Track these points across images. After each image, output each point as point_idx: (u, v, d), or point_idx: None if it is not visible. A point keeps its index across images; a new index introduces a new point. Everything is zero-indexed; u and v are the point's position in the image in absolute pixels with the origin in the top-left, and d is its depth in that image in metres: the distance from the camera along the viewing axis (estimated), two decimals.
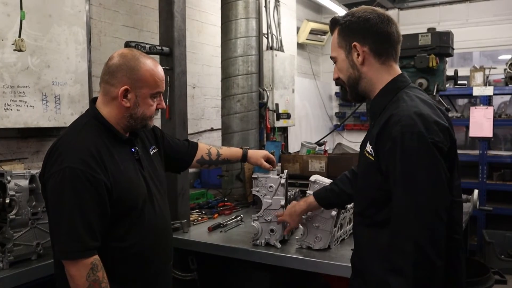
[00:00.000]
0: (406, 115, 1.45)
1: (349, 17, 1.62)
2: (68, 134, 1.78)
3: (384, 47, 1.60)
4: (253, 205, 3.46)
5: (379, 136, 1.51)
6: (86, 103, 3.29)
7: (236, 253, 2.52)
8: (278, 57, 4.87)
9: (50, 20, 3.03)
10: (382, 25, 1.58)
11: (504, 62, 5.93)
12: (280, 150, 3.98)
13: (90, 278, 1.61)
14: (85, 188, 1.62)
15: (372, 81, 1.62)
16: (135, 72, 1.77)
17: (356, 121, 8.00)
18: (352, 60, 1.62)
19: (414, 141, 1.40)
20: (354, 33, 1.60)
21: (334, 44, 1.67)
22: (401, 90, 1.58)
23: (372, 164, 1.54)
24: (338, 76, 1.70)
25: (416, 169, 1.41)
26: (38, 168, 2.40)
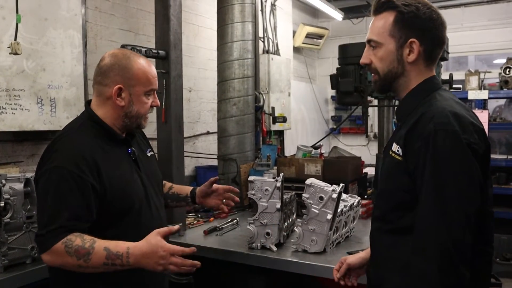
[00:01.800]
0: (440, 113, 1.36)
1: (413, 9, 1.45)
2: (62, 136, 1.77)
3: (436, 52, 1.52)
4: (249, 208, 3.46)
5: (408, 135, 1.41)
6: (81, 106, 3.28)
7: (232, 257, 2.52)
8: (274, 61, 4.89)
9: (46, 23, 3.03)
10: (442, 28, 1.49)
11: (499, 66, 5.96)
12: (276, 153, 3.98)
13: (71, 252, 1.57)
14: (69, 187, 1.61)
15: (410, 81, 1.52)
16: (128, 70, 1.77)
17: (352, 125, 8.02)
18: (401, 55, 1.49)
19: (448, 140, 1.31)
20: (415, 29, 1.46)
21: (383, 29, 1.49)
22: (433, 91, 1.50)
23: (399, 164, 1.44)
24: (371, 62, 1.55)
25: (447, 170, 1.31)
26: (33, 172, 2.39)
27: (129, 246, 1.60)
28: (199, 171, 4.75)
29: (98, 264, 1.58)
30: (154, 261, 1.59)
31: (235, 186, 3.69)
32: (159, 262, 1.59)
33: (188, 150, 4.46)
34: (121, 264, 1.59)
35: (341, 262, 1.80)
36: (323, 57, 8.27)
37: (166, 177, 2.47)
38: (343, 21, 7.46)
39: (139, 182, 1.84)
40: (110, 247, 1.59)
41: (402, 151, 1.43)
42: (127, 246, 1.59)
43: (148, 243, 1.59)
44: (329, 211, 2.34)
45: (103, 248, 1.58)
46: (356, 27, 7.60)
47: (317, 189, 2.36)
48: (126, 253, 1.58)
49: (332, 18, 7.36)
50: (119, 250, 1.58)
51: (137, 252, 1.59)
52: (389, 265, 1.49)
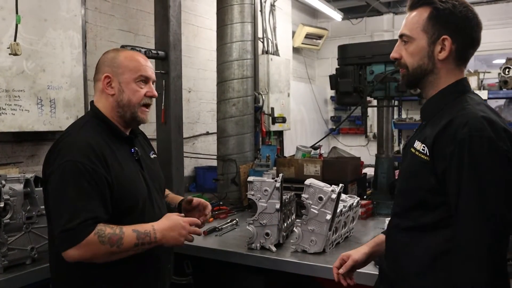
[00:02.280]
0: (474, 118, 1.34)
1: (449, 6, 1.44)
2: (69, 133, 1.79)
3: (468, 52, 1.50)
4: (249, 208, 3.46)
5: (439, 137, 1.39)
6: (81, 107, 3.29)
7: (231, 257, 2.52)
8: (274, 61, 4.89)
9: (46, 24, 3.03)
10: (477, 29, 1.47)
11: (498, 66, 5.98)
12: (276, 154, 3.98)
13: (105, 241, 1.60)
14: (85, 179, 1.63)
15: (440, 79, 1.50)
16: (115, 60, 1.83)
17: (351, 125, 8.03)
18: (432, 51, 1.47)
19: (484, 146, 1.30)
20: (449, 26, 1.45)
21: (417, 24, 1.49)
22: (463, 94, 1.48)
23: (425, 163, 1.42)
24: (401, 57, 1.54)
25: (487, 177, 1.31)
26: (33, 172, 2.41)
27: (152, 224, 1.72)
28: (198, 171, 4.76)
29: (130, 246, 1.65)
30: (178, 233, 1.75)
31: (234, 187, 3.70)
32: (182, 233, 1.75)
33: (187, 151, 4.47)
34: (149, 242, 1.69)
35: (343, 259, 1.77)
36: (322, 57, 8.28)
37: (166, 177, 2.47)
38: (342, 22, 7.47)
39: (143, 181, 1.85)
40: (138, 228, 1.68)
41: (429, 151, 1.41)
42: (151, 224, 1.72)
43: (169, 219, 1.77)
44: (329, 212, 2.34)
45: (131, 230, 1.66)
46: (355, 27, 7.61)
47: (316, 190, 2.37)
48: (153, 230, 1.70)
49: (331, 19, 7.37)
50: (146, 229, 1.69)
51: (162, 226, 1.72)
52: (411, 262, 1.48)
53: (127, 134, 1.89)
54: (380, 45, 3.59)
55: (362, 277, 2.11)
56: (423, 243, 1.43)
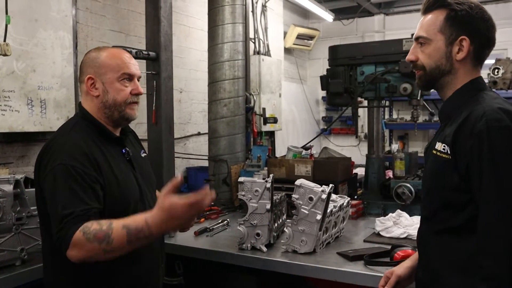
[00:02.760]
0: (491, 109, 1.35)
1: (466, 7, 1.46)
2: (58, 135, 1.78)
3: (485, 52, 1.52)
4: (240, 209, 3.47)
5: (458, 133, 1.39)
6: (72, 107, 3.28)
7: (222, 258, 2.53)
8: (265, 62, 4.90)
9: (36, 24, 3.02)
10: (493, 30, 1.50)
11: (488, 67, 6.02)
12: (267, 154, 3.99)
13: (90, 238, 1.50)
14: (77, 182, 1.61)
15: (457, 80, 1.51)
16: (96, 60, 1.80)
17: (342, 125, 8.06)
18: (450, 52, 1.49)
19: (505, 136, 1.31)
20: (467, 27, 1.47)
21: (434, 25, 1.50)
22: (480, 91, 1.48)
23: (447, 162, 1.42)
24: (417, 59, 1.55)
25: (508, 167, 1.30)
26: (23, 173, 2.40)
27: (145, 217, 1.52)
28: (190, 172, 4.76)
29: (122, 243, 1.51)
30: (177, 223, 1.55)
31: (225, 187, 3.71)
32: (181, 222, 1.55)
33: (179, 151, 4.47)
34: (146, 237, 1.53)
35: (387, 277, 1.72)
36: (314, 58, 8.30)
37: (157, 178, 2.48)
38: (333, 22, 7.50)
39: (135, 182, 1.85)
40: (129, 223, 1.52)
41: (450, 149, 1.41)
42: (144, 219, 1.52)
43: (162, 210, 1.51)
44: (319, 212, 2.36)
45: (121, 227, 1.51)
46: (346, 28, 7.64)
47: (307, 190, 2.38)
48: (146, 225, 1.51)
49: (322, 19, 7.40)
50: (138, 225, 1.51)
51: (156, 221, 1.51)
52: (444, 266, 1.46)
53: (117, 135, 1.87)
54: (370, 46, 3.62)
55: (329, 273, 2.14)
56: (455, 245, 1.41)
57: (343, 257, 2.37)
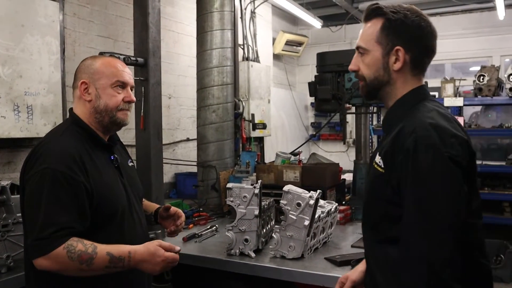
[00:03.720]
0: (421, 126, 1.33)
1: (401, 16, 1.44)
2: (48, 139, 1.78)
3: (424, 61, 1.49)
4: (228, 215, 3.47)
5: (390, 148, 1.39)
6: (59, 113, 3.25)
7: (210, 263, 2.53)
8: (254, 68, 4.92)
9: (23, 29, 3.00)
10: (431, 38, 1.47)
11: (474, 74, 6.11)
12: (256, 160, 4.00)
13: (74, 257, 1.57)
14: (64, 189, 1.61)
15: (397, 90, 1.49)
16: (91, 66, 1.84)
17: (331, 131, 8.10)
18: (387, 63, 1.47)
19: (429, 154, 1.29)
20: (402, 36, 1.45)
21: (371, 35, 1.49)
22: (420, 102, 1.46)
23: (382, 175, 1.41)
24: (359, 69, 1.53)
25: (429, 186, 1.29)
26: (9, 180, 2.37)
27: (130, 250, 1.67)
28: (179, 177, 4.74)
29: (100, 268, 1.62)
30: (152, 266, 1.71)
31: (214, 193, 3.71)
32: (156, 268, 1.71)
33: (167, 157, 4.45)
34: (122, 267, 1.66)
35: (342, 282, 1.73)
36: (302, 64, 8.35)
37: (145, 184, 2.47)
38: (322, 29, 7.56)
39: (122, 189, 1.85)
40: (113, 251, 1.64)
41: (383, 163, 1.41)
42: (128, 251, 1.67)
43: (148, 250, 1.70)
44: (307, 217, 2.37)
45: (105, 253, 1.62)
46: (335, 34, 7.70)
47: (295, 196, 2.39)
48: (128, 257, 1.66)
49: (311, 26, 7.45)
50: (121, 255, 1.65)
51: (138, 257, 1.68)
52: (383, 276, 1.45)
53: (106, 142, 1.88)
54: None
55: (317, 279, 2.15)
56: (394, 255, 1.38)
57: (331, 262, 2.38)
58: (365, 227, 1.59)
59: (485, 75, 5.60)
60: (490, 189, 5.69)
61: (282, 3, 5.83)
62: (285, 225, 2.41)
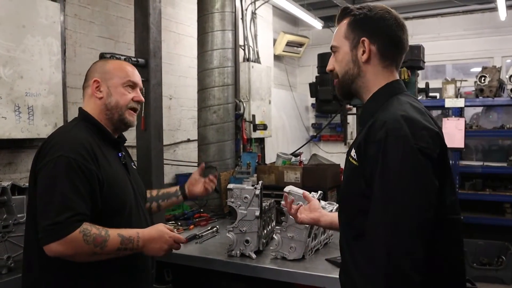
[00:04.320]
0: (392, 118, 1.35)
1: (365, 11, 1.52)
2: (59, 132, 1.83)
3: (391, 51, 1.52)
4: (229, 216, 3.47)
5: (363, 140, 1.41)
6: (60, 114, 3.25)
7: (211, 264, 2.53)
8: (255, 69, 4.92)
9: (24, 30, 3.00)
10: (396, 28, 1.50)
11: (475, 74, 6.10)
12: (257, 161, 4.00)
13: (89, 240, 1.61)
14: (78, 176, 1.65)
15: (369, 82, 1.53)
16: (104, 66, 1.93)
17: (332, 132, 8.09)
18: (355, 55, 1.52)
19: (399, 145, 1.30)
20: (366, 28, 1.50)
21: (340, 33, 1.56)
22: (394, 96, 1.49)
23: (355, 169, 1.43)
24: (334, 68, 1.58)
25: (397, 176, 1.30)
26: (10, 180, 2.37)
27: (138, 231, 1.76)
28: (179, 179, 4.74)
29: (112, 250, 1.68)
30: (160, 246, 1.80)
31: (215, 194, 3.70)
32: (163, 247, 1.81)
33: (168, 158, 4.45)
34: (132, 248, 1.73)
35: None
36: (303, 65, 8.35)
37: (145, 185, 2.47)
38: (323, 30, 7.55)
39: (130, 186, 1.90)
40: (123, 233, 1.71)
41: (357, 155, 1.42)
42: (136, 231, 1.75)
43: (156, 229, 1.82)
44: None
45: (117, 235, 1.68)
46: None
47: (295, 197, 2.38)
48: (137, 237, 1.74)
49: (312, 27, 7.45)
50: (131, 235, 1.72)
51: (146, 236, 1.76)
52: (358, 271, 1.45)
53: (115, 138, 1.93)
54: None
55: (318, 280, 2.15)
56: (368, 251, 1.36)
57: (332, 263, 2.38)
58: (342, 222, 1.59)
59: (486, 76, 5.59)
60: (492, 190, 5.68)
61: (283, 4, 5.83)
62: (286, 226, 2.41)
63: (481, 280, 4.87)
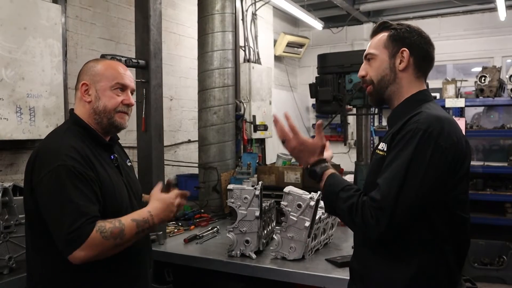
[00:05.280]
0: (427, 115, 1.51)
1: (405, 27, 1.68)
2: (50, 139, 1.81)
3: (424, 65, 1.68)
4: (230, 216, 3.48)
5: (395, 134, 1.55)
6: (61, 115, 3.27)
7: (211, 265, 2.54)
8: (255, 70, 4.93)
9: (25, 32, 3.02)
10: (430, 46, 1.67)
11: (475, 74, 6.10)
12: (257, 161, 4.01)
13: (107, 235, 1.62)
14: (81, 181, 1.65)
15: (402, 89, 1.66)
16: (93, 68, 1.87)
17: (332, 133, 8.09)
18: (393, 63, 1.66)
19: (424, 138, 1.45)
20: (407, 41, 1.65)
21: (379, 43, 1.69)
22: (425, 102, 1.62)
23: (381, 158, 1.57)
24: (366, 74, 1.71)
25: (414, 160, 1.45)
26: (12, 181, 2.39)
27: (148, 209, 1.79)
28: (180, 179, 4.74)
29: (131, 236, 1.70)
30: (170, 210, 1.85)
31: (215, 194, 3.72)
32: (172, 209, 1.87)
33: (169, 159, 4.46)
34: (149, 227, 1.78)
35: None
36: (304, 65, 8.35)
37: (146, 185, 2.48)
38: (323, 30, 7.55)
39: (124, 188, 1.89)
40: (135, 217, 1.74)
41: (386, 147, 1.57)
42: (147, 210, 1.79)
43: (159, 199, 1.85)
44: (307, 219, 2.38)
45: (131, 220, 1.71)
46: (336, 36, 7.70)
47: (295, 197, 2.40)
48: (150, 216, 1.77)
49: (312, 27, 7.45)
50: (144, 217, 1.75)
51: (156, 211, 1.80)
52: (373, 258, 1.59)
53: (106, 141, 1.91)
54: (358, 54, 3.64)
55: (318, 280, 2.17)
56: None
57: (331, 263, 2.39)
58: None
59: (486, 76, 5.59)
60: (492, 190, 5.68)
61: (283, 5, 5.84)
62: (286, 226, 2.42)
63: (482, 280, 4.87)
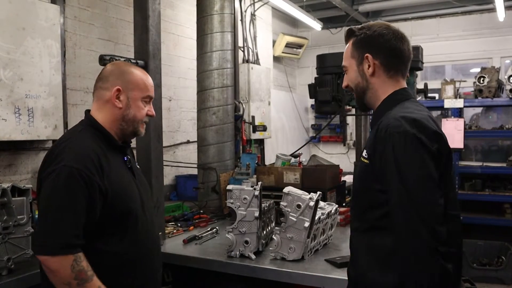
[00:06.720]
0: (394, 118, 1.52)
1: (364, 30, 1.69)
2: (66, 139, 1.82)
3: (394, 62, 1.67)
4: (229, 217, 3.47)
5: (371, 140, 1.59)
6: (60, 116, 3.26)
7: (211, 265, 2.53)
8: (254, 70, 4.93)
9: (24, 33, 3.01)
10: (395, 41, 1.66)
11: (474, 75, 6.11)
12: (256, 162, 4.01)
13: (75, 269, 1.61)
14: (79, 187, 1.65)
15: (378, 92, 1.69)
16: (127, 75, 1.88)
17: (331, 133, 8.10)
18: (362, 70, 1.69)
19: (401, 139, 1.47)
20: (368, 46, 1.67)
21: (347, 53, 1.74)
22: (400, 102, 1.64)
23: (366, 167, 1.59)
24: (348, 84, 1.76)
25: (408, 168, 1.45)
26: (10, 182, 2.38)
27: None
28: (179, 180, 4.75)
29: None
30: None
31: (214, 195, 3.71)
32: None
33: (168, 159, 4.46)
34: None
35: None
36: (303, 66, 8.36)
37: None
38: (322, 31, 7.56)
39: (136, 189, 1.90)
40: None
41: (367, 154, 1.59)
42: None
43: None
44: (307, 219, 2.37)
45: (97, 286, 1.66)
46: (335, 36, 7.71)
47: (295, 197, 2.40)
48: None
49: (311, 28, 7.45)
50: None
51: None
52: (369, 261, 1.60)
53: (120, 144, 1.93)
54: None
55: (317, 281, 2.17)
56: (377, 242, 1.56)
57: (331, 264, 2.38)
58: (353, 218, 1.75)
59: (485, 77, 5.60)
60: (491, 190, 5.69)
61: (282, 6, 5.84)
62: (285, 227, 2.42)
63: (481, 280, 4.87)
